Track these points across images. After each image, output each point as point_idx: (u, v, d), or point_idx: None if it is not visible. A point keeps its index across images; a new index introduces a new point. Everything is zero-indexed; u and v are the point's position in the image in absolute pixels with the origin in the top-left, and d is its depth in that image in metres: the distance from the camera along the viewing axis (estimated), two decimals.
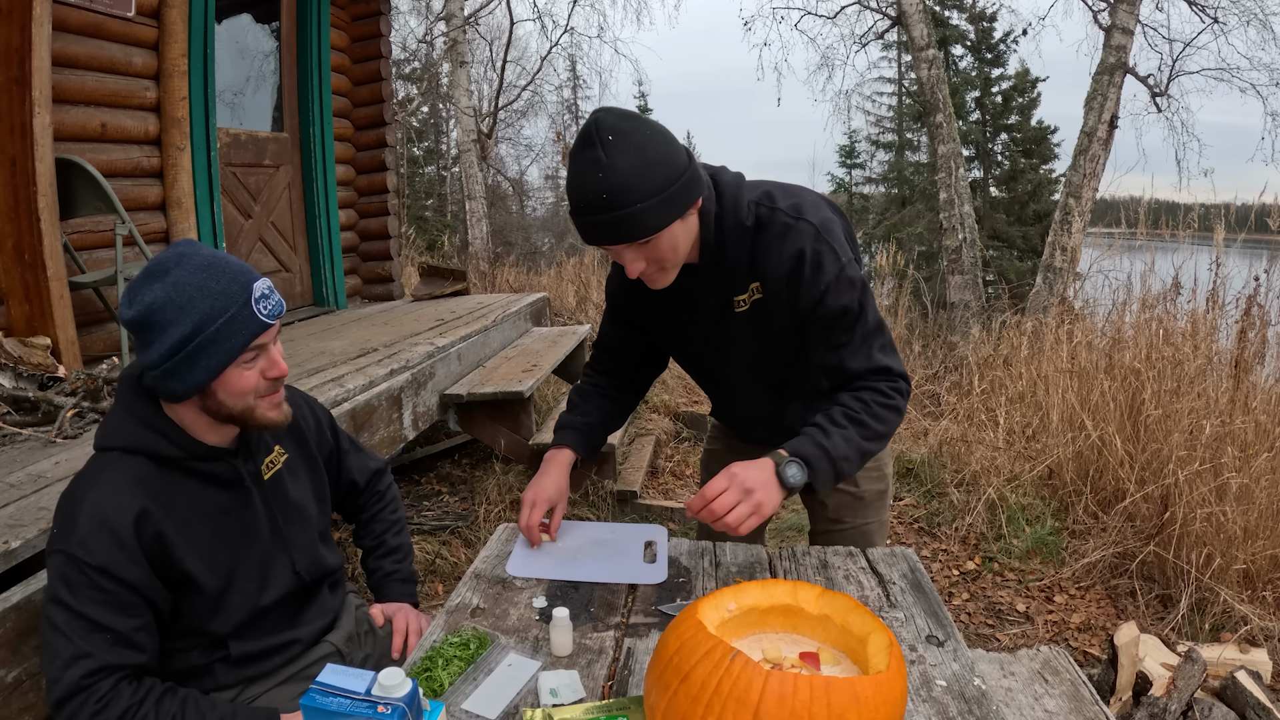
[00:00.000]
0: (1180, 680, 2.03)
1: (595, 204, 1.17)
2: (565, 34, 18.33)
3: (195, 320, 1.07)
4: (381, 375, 2.77)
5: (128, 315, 1.08)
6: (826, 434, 1.31)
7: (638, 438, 4.24)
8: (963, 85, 19.12)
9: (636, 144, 1.17)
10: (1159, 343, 3.50)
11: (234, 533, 1.21)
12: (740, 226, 1.32)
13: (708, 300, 1.40)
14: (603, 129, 1.16)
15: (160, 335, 1.07)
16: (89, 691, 1.02)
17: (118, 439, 1.14)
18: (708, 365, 1.56)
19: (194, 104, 3.56)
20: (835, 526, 1.65)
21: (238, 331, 1.09)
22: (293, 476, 1.33)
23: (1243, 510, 2.64)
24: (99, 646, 1.04)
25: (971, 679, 1.07)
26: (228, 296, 1.09)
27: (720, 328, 1.43)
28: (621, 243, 1.21)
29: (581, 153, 1.18)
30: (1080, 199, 7.49)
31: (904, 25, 8.69)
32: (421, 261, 8.01)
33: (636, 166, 1.16)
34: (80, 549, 1.04)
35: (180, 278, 1.08)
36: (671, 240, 1.24)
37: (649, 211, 1.18)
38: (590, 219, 1.19)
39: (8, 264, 2.61)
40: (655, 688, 0.86)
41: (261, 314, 1.11)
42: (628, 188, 1.15)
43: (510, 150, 21.60)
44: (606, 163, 1.15)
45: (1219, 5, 8.35)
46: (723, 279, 1.36)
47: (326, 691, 0.83)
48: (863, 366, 1.35)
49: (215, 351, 1.09)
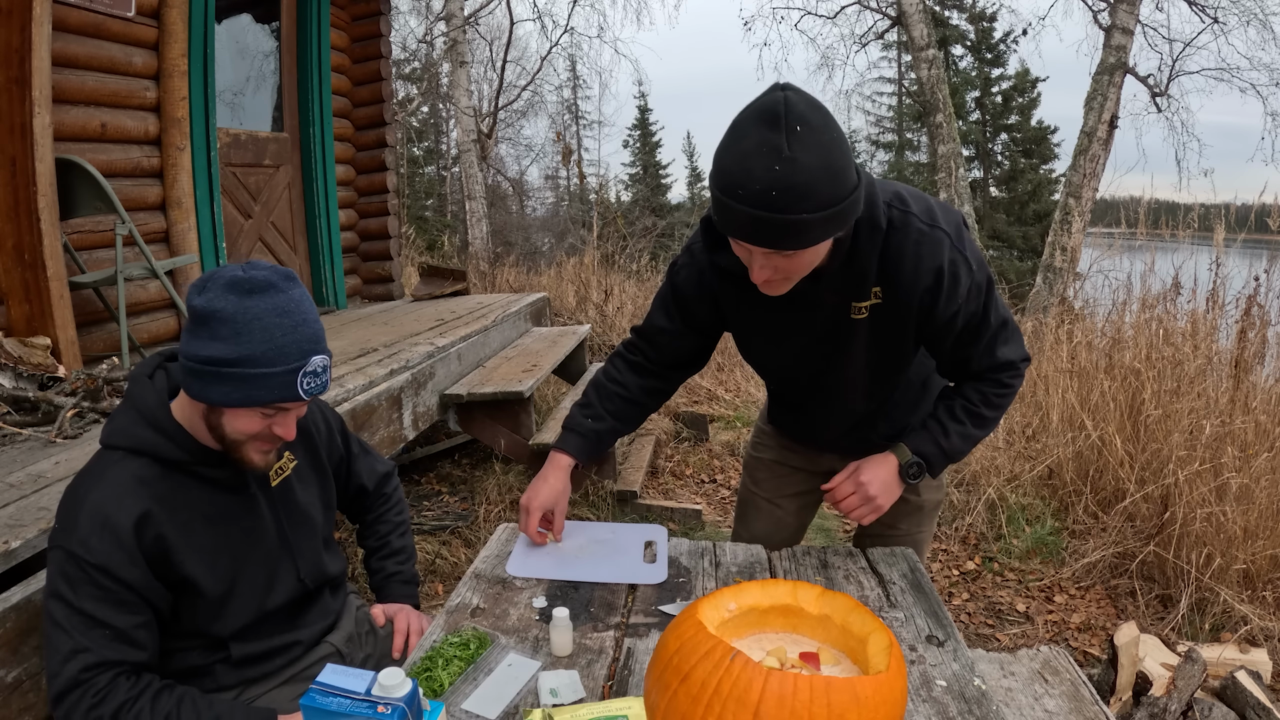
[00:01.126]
0: (1180, 680, 2.03)
1: (760, 198, 1.01)
2: (565, 34, 18.41)
3: (242, 353, 1.06)
4: (381, 375, 2.77)
5: (195, 302, 1.07)
6: (946, 432, 1.38)
7: (638, 438, 4.24)
8: (963, 85, 19.12)
9: (824, 144, 1.02)
10: (1159, 343, 3.49)
11: (237, 538, 1.21)
12: (875, 228, 1.21)
13: (826, 305, 1.29)
14: (793, 114, 1.00)
15: (207, 340, 1.07)
16: (86, 685, 1.02)
17: (123, 439, 1.14)
18: (809, 372, 1.43)
19: (194, 104, 3.56)
20: (889, 531, 1.61)
21: (271, 389, 1.08)
22: (301, 483, 1.33)
23: (1243, 510, 2.64)
24: (97, 642, 1.04)
25: (971, 679, 1.07)
26: (283, 354, 1.07)
27: (834, 333, 1.33)
28: (772, 248, 1.08)
29: (760, 130, 1.01)
30: (1080, 199, 7.49)
31: (904, 25, 8.70)
32: (421, 261, 8.01)
33: (818, 170, 1.01)
34: (80, 547, 1.04)
35: (256, 305, 1.06)
36: (815, 254, 1.13)
37: (815, 225, 1.04)
38: (748, 211, 1.03)
39: (8, 264, 2.61)
40: (655, 688, 0.86)
41: (302, 387, 1.09)
42: (803, 192, 1.01)
43: (510, 150, 21.62)
44: (788, 155, 1.00)
45: (1219, 5, 8.35)
46: (848, 283, 1.26)
47: (326, 691, 0.83)
48: (985, 364, 1.36)
49: (240, 390, 1.07)
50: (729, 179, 1.04)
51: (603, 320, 6.24)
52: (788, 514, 1.74)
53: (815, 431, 1.61)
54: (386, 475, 1.59)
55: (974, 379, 1.39)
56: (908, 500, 1.59)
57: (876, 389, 1.44)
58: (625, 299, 6.77)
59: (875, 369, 1.38)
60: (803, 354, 1.39)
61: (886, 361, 1.38)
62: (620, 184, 27.98)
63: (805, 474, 1.69)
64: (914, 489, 1.58)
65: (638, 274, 8.39)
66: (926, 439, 1.39)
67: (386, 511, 1.58)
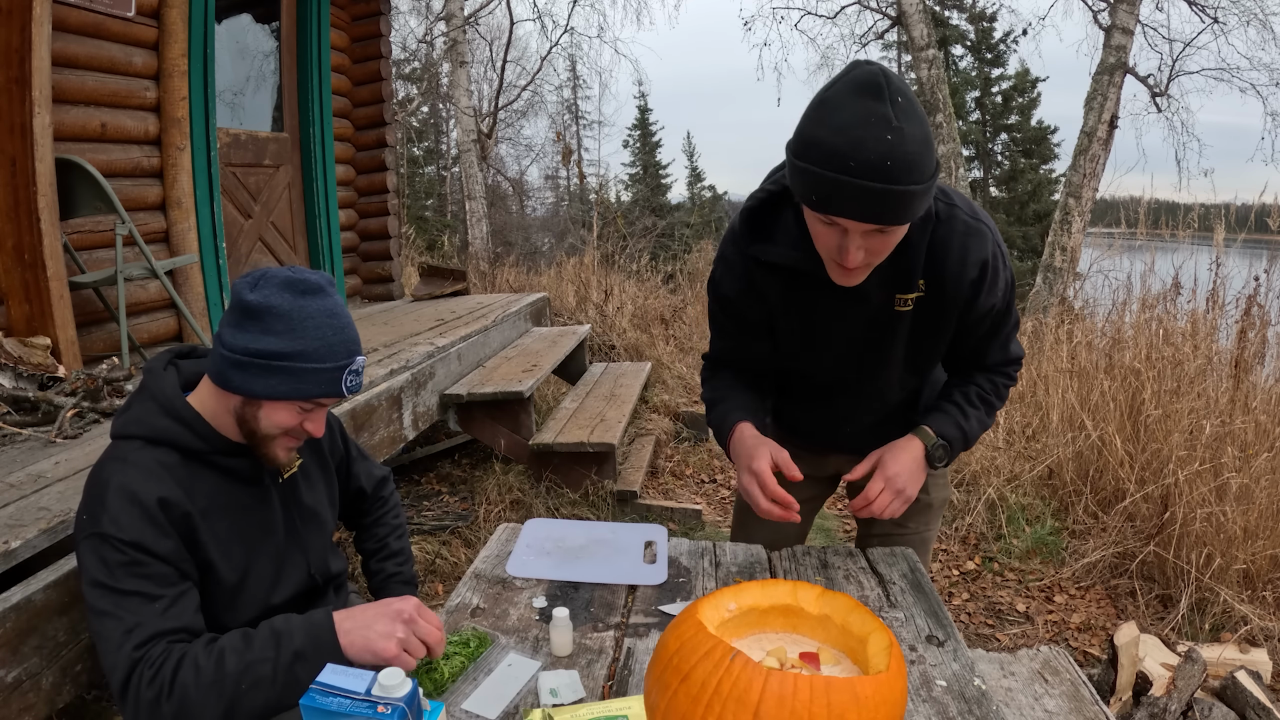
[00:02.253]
0: (1180, 680, 2.03)
1: (876, 168, 0.98)
2: (565, 34, 18.41)
3: (295, 347, 1.11)
4: (381, 375, 2.77)
5: (249, 297, 1.11)
6: (965, 416, 1.39)
7: (638, 438, 4.24)
8: (963, 85, 19.12)
9: (921, 116, 1.02)
10: (1159, 343, 3.50)
11: (251, 529, 1.21)
12: (925, 220, 1.20)
13: (873, 298, 1.27)
14: (894, 85, 0.99)
15: (259, 334, 1.10)
16: (143, 661, 1.01)
17: (140, 428, 1.14)
18: (847, 365, 1.40)
19: (194, 104, 3.56)
20: (897, 530, 1.61)
21: (317, 384, 1.13)
22: (307, 481, 1.35)
23: (1243, 510, 2.64)
24: (146, 617, 1.03)
25: (971, 679, 1.07)
26: (332, 351, 1.13)
27: (877, 326, 1.32)
28: (881, 222, 1.04)
29: (864, 101, 0.99)
30: (1080, 199, 7.49)
31: (904, 25, 8.70)
32: (421, 261, 8.01)
33: (922, 141, 1.01)
34: (112, 526, 1.04)
35: (309, 305, 1.12)
36: (899, 237, 1.11)
37: (920, 196, 1.03)
38: (862, 184, 0.99)
39: (8, 264, 2.61)
40: (655, 688, 0.86)
41: (345, 384, 1.16)
42: (914, 162, 1.00)
43: (510, 150, 21.63)
44: (897, 126, 0.98)
45: (1219, 5, 8.36)
46: (896, 275, 1.24)
47: (326, 691, 0.83)
48: (1000, 357, 1.40)
49: (287, 384, 1.12)
50: (836, 153, 1.00)
51: (603, 320, 6.24)
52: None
53: (836, 428, 1.56)
54: (383, 479, 1.60)
55: (985, 370, 1.42)
56: (918, 499, 1.59)
57: (910, 380, 1.45)
58: (625, 299, 6.77)
59: (912, 361, 1.38)
60: (845, 348, 1.37)
61: (924, 354, 1.38)
62: (620, 184, 27.99)
63: (809, 480, 1.68)
64: (924, 487, 1.57)
65: (638, 274, 8.39)
66: (949, 422, 1.38)
67: (384, 515, 1.59)
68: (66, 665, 1.35)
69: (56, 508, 1.51)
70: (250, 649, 1.04)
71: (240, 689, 1.01)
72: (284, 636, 1.05)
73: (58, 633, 1.34)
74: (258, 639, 1.05)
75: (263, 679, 1.02)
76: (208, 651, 1.03)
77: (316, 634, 1.06)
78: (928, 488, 1.60)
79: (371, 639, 1.04)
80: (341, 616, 1.08)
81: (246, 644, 1.04)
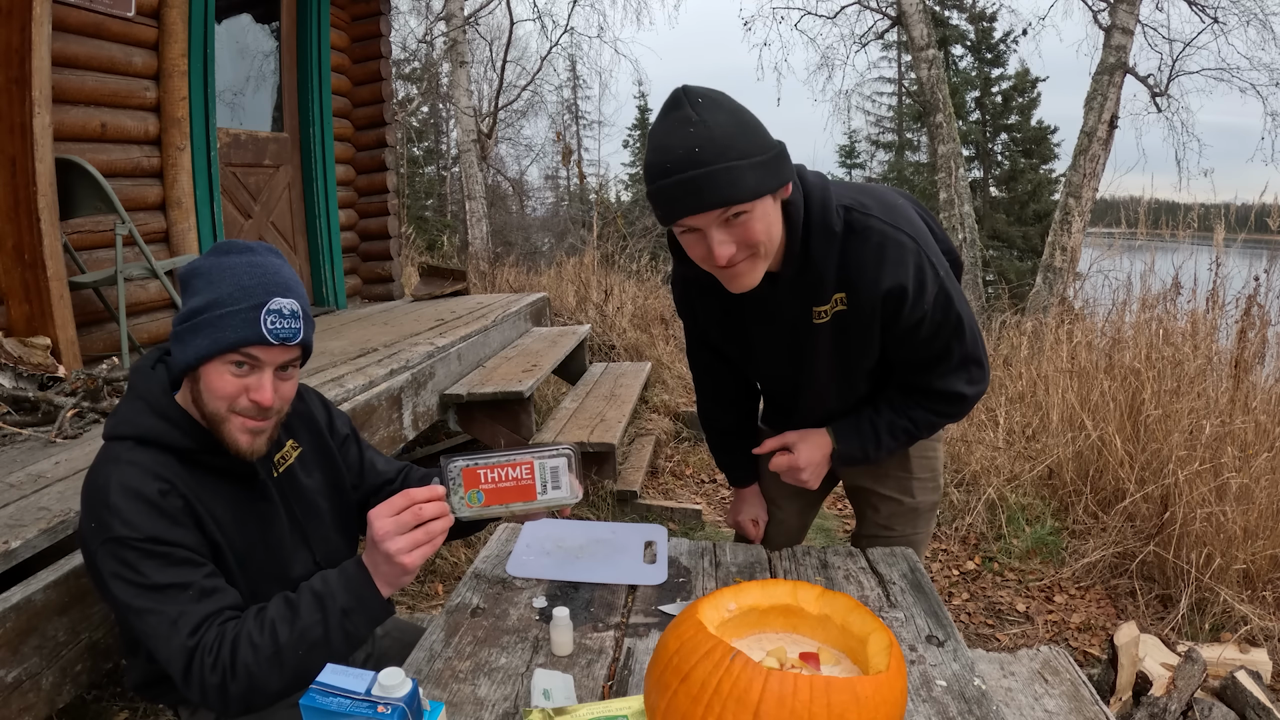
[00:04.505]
0: (1180, 680, 2.03)
1: (686, 159, 1.05)
2: (565, 34, 18.38)
3: (211, 297, 1.09)
4: (381, 375, 2.77)
5: (181, 270, 1.14)
6: (878, 444, 1.42)
7: (638, 438, 4.24)
8: (963, 85, 19.11)
9: (730, 108, 1.09)
10: (1159, 343, 3.49)
11: (251, 525, 1.20)
12: (828, 231, 1.22)
13: (786, 311, 1.31)
14: (692, 94, 1.09)
15: (188, 298, 1.11)
16: (200, 649, 1.02)
17: (130, 428, 1.13)
18: (786, 380, 1.48)
19: (194, 104, 3.56)
20: (884, 533, 1.63)
21: (234, 328, 1.07)
22: (305, 470, 1.32)
23: (1243, 510, 2.64)
24: (186, 604, 1.03)
25: (971, 679, 1.07)
26: (246, 294, 1.09)
27: (798, 340, 1.35)
28: (713, 207, 1.08)
29: (669, 114, 1.09)
30: (1080, 199, 7.49)
31: (904, 25, 8.70)
32: (421, 261, 8.00)
33: (731, 125, 1.07)
34: (125, 528, 1.03)
35: (229, 260, 1.11)
36: (765, 218, 1.13)
37: (745, 170, 1.07)
38: (678, 178, 1.06)
39: (8, 264, 2.61)
40: (655, 688, 0.86)
41: (265, 325, 1.08)
42: (724, 142, 1.06)
43: (510, 150, 21.62)
44: (698, 119, 1.06)
45: (1219, 5, 8.36)
46: (805, 288, 1.27)
47: (326, 691, 0.83)
48: (940, 387, 1.37)
49: (208, 335, 1.08)
50: (655, 165, 1.09)
51: (603, 320, 6.24)
52: (789, 515, 1.74)
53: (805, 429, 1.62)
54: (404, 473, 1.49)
55: (916, 396, 1.40)
56: (901, 502, 1.60)
57: (847, 391, 1.45)
58: (625, 299, 6.76)
59: (842, 372, 1.40)
60: (773, 359, 1.43)
61: (853, 365, 1.38)
62: (620, 184, 27.96)
63: None
64: (908, 491, 1.60)
65: (638, 274, 8.39)
66: (856, 443, 1.44)
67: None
68: (66, 665, 1.35)
69: (56, 508, 1.51)
70: (299, 616, 1.05)
71: (299, 655, 1.03)
72: (326, 598, 1.07)
73: (58, 633, 1.33)
74: (303, 604, 1.07)
75: (318, 641, 1.04)
76: (259, 626, 1.04)
77: (355, 587, 1.08)
78: (912, 491, 1.60)
79: (398, 561, 1.05)
80: (369, 559, 1.09)
81: (293, 612, 1.06)
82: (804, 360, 1.38)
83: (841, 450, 1.44)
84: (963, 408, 1.41)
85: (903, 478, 1.60)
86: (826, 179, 1.28)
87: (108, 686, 1.99)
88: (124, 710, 1.97)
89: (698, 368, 1.64)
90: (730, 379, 1.62)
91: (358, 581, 1.08)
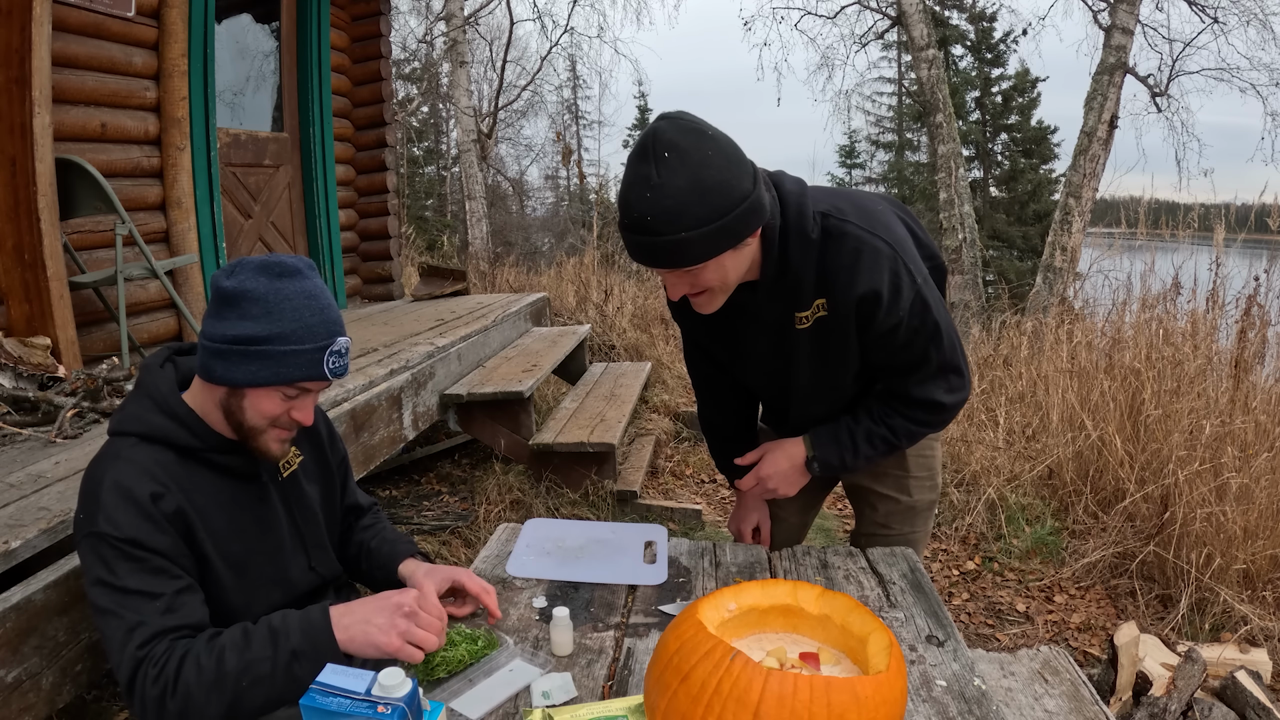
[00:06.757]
0: (1180, 680, 2.03)
1: (640, 225, 1.11)
2: (565, 34, 18.38)
3: (273, 330, 1.09)
4: (381, 375, 2.77)
5: (225, 284, 1.10)
6: (855, 452, 1.41)
7: (638, 438, 4.24)
8: (963, 85, 19.11)
9: (694, 164, 1.09)
10: (1159, 343, 3.49)
11: (250, 527, 1.21)
12: (805, 239, 1.24)
13: (767, 317, 1.33)
14: (660, 143, 1.09)
15: (237, 319, 1.09)
16: (147, 659, 1.01)
17: (136, 425, 1.13)
18: (772, 384, 1.50)
19: (194, 104, 3.56)
20: (881, 531, 1.64)
21: (299, 366, 1.11)
22: (307, 478, 1.33)
23: (1243, 510, 2.64)
24: (148, 614, 1.03)
25: (971, 679, 1.07)
26: (311, 332, 1.11)
27: (781, 345, 1.37)
28: (660, 267, 1.16)
29: (635, 167, 1.11)
30: (1080, 199, 7.50)
31: (904, 25, 8.70)
32: (421, 261, 8.01)
33: (688, 191, 1.08)
34: (108, 525, 1.04)
35: (285, 287, 1.11)
36: (719, 271, 1.18)
37: (695, 241, 1.11)
38: (634, 238, 1.14)
39: (8, 264, 2.61)
40: (655, 688, 0.86)
41: (327, 366, 1.13)
42: (675, 214, 1.09)
43: (510, 150, 21.64)
44: (657, 182, 1.08)
45: (1219, 5, 8.36)
46: (784, 295, 1.29)
47: (326, 691, 0.83)
48: (919, 395, 1.37)
49: (268, 368, 1.10)
50: (620, 213, 1.15)
51: (603, 320, 6.24)
52: (789, 514, 1.74)
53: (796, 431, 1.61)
54: (375, 506, 1.55)
55: (895, 402, 1.40)
56: (899, 500, 1.61)
57: (831, 395, 1.45)
58: (625, 299, 6.77)
59: (824, 377, 1.40)
60: (756, 363, 1.45)
61: (834, 370, 1.39)
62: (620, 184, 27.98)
63: None
64: (906, 489, 1.61)
65: (638, 274, 8.38)
66: (834, 451, 1.43)
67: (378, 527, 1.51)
68: (66, 665, 1.35)
69: (56, 508, 1.51)
70: (250, 647, 1.04)
71: (241, 686, 1.01)
72: (281, 635, 1.05)
73: (58, 633, 1.33)
74: (256, 637, 1.05)
75: (262, 677, 1.02)
76: (209, 649, 1.03)
77: (313, 633, 1.06)
78: (909, 489, 1.61)
79: (372, 633, 1.04)
80: (339, 612, 1.08)
81: (246, 642, 1.05)
82: (789, 365, 1.39)
83: (819, 458, 1.44)
84: (942, 416, 1.40)
85: (900, 476, 1.60)
86: (805, 185, 1.29)
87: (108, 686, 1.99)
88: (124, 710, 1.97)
89: (696, 375, 1.65)
90: (728, 385, 1.62)
91: (317, 628, 1.06)
